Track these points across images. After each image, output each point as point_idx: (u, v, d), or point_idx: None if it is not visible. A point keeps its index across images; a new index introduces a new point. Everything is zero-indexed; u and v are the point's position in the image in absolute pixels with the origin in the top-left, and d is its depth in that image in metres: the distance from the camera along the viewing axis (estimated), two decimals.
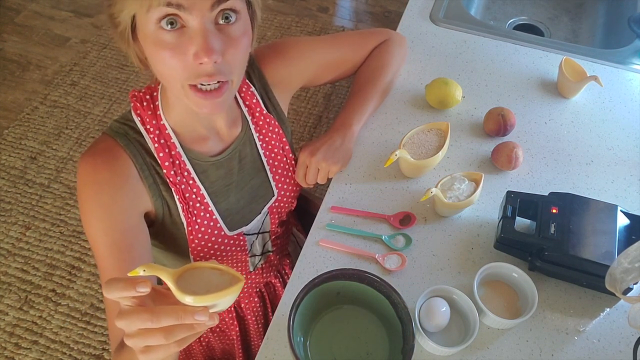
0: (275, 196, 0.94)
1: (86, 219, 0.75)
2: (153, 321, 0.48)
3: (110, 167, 0.74)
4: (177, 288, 0.50)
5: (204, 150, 0.82)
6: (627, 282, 0.68)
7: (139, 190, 0.77)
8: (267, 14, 2.59)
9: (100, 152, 0.75)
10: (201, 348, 1.11)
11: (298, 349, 0.76)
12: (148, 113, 0.78)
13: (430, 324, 0.80)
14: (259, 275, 1.03)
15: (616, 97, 1.14)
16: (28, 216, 1.92)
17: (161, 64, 0.65)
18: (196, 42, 0.62)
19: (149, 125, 0.78)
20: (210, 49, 0.61)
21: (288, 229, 1.09)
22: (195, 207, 0.82)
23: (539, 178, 1.01)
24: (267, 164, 0.91)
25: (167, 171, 0.78)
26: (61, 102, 2.25)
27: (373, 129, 1.08)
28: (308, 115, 2.21)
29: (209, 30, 0.62)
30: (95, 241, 0.75)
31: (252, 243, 0.94)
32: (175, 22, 0.62)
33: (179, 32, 0.62)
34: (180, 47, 0.63)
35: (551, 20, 1.54)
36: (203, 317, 0.49)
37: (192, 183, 0.81)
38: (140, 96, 0.79)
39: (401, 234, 0.93)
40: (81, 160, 0.75)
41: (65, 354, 1.63)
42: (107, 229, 0.73)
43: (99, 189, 0.73)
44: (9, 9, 2.63)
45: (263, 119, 0.88)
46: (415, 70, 1.19)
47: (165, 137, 0.79)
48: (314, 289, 0.79)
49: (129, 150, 0.76)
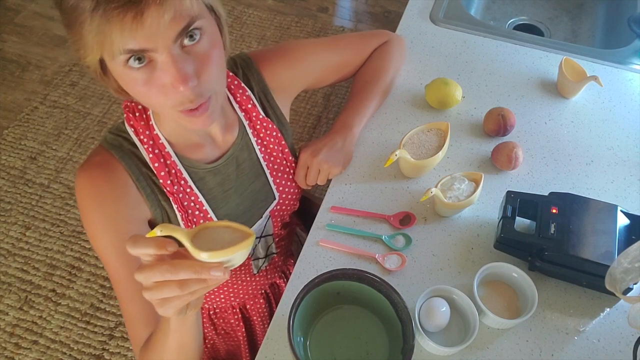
0: (277, 200, 0.94)
1: (92, 233, 0.75)
2: (172, 272, 0.52)
3: (108, 179, 0.75)
4: (193, 246, 0.53)
5: (199, 157, 0.82)
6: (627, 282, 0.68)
7: (138, 200, 0.78)
8: (267, 14, 2.59)
9: (96, 165, 0.75)
10: (206, 350, 1.11)
11: (298, 349, 0.76)
12: (141, 123, 0.78)
13: (430, 324, 0.80)
14: (263, 277, 1.03)
15: (616, 97, 1.14)
16: (28, 216, 1.92)
17: (142, 98, 0.65)
18: (168, 73, 0.60)
19: (142, 136, 0.78)
20: (184, 77, 0.60)
21: (291, 230, 1.09)
22: (194, 215, 0.82)
23: (539, 178, 1.01)
24: (267, 168, 0.91)
25: (163, 181, 0.78)
26: (61, 102, 2.25)
27: (373, 129, 1.08)
28: (307, 115, 2.21)
29: (177, 58, 0.60)
30: (105, 254, 0.76)
31: (254, 247, 0.94)
32: (142, 58, 0.60)
33: (149, 67, 0.61)
34: (154, 80, 0.62)
35: (551, 20, 1.54)
36: (218, 272, 0.53)
37: (189, 191, 0.81)
38: (132, 107, 0.79)
39: (401, 234, 0.93)
40: (78, 174, 0.75)
41: (65, 354, 1.63)
42: (115, 240, 0.74)
43: (100, 202, 0.74)
44: (9, 9, 2.63)
45: (260, 123, 0.88)
46: (415, 70, 1.19)
47: (159, 147, 0.78)
48: (314, 289, 0.79)
49: (124, 162, 0.76)
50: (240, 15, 2.57)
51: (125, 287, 0.75)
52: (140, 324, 0.75)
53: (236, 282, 0.99)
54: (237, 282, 0.99)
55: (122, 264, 0.75)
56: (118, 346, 1.63)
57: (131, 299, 0.75)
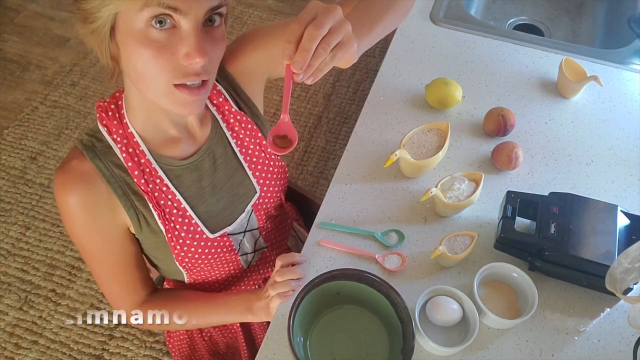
0: (258, 193, 0.92)
1: (74, 236, 0.80)
2: None
3: (80, 188, 0.76)
4: None
5: (175, 154, 0.82)
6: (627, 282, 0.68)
7: (113, 203, 0.78)
8: (267, 14, 2.59)
9: (69, 170, 0.76)
10: (204, 343, 1.11)
11: (298, 349, 0.76)
12: (114, 122, 0.78)
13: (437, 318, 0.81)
14: (255, 271, 1.03)
15: (616, 97, 1.14)
16: (28, 216, 1.92)
17: (146, 63, 0.64)
18: (188, 43, 0.62)
19: (115, 135, 0.78)
20: (202, 50, 0.63)
21: (283, 223, 1.08)
22: (172, 213, 0.82)
23: (539, 178, 1.01)
24: (245, 161, 0.89)
25: (137, 180, 0.78)
26: (61, 102, 2.25)
27: (373, 129, 1.08)
28: (308, 115, 2.21)
29: (200, 32, 0.63)
30: (85, 251, 0.82)
31: (239, 242, 0.94)
32: (164, 22, 0.62)
33: (170, 32, 0.63)
34: (169, 46, 0.63)
35: (551, 20, 1.54)
36: None
37: (165, 190, 0.81)
38: (105, 106, 0.79)
39: (393, 231, 0.93)
40: (55, 179, 0.77)
41: (65, 354, 1.63)
42: (98, 244, 0.81)
43: (75, 212, 0.77)
44: (9, 9, 2.63)
45: (234, 117, 0.87)
46: (415, 70, 1.19)
47: (133, 146, 0.78)
48: (314, 289, 0.79)
49: (95, 164, 0.76)
50: (240, 15, 2.57)
51: (106, 280, 0.87)
52: (129, 293, 0.89)
53: (227, 278, 0.98)
54: (228, 278, 0.99)
55: (104, 264, 0.84)
56: (118, 346, 1.63)
57: (119, 275, 0.86)
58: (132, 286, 0.89)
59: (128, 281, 0.88)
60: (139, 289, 0.90)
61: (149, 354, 1.62)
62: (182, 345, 1.12)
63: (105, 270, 0.86)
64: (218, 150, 0.86)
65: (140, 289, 0.90)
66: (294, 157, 2.06)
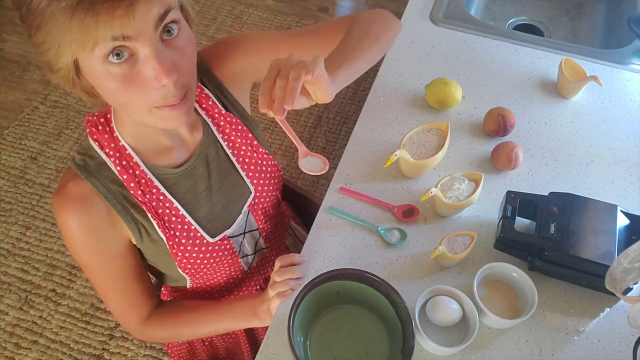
0: (253, 193, 0.92)
1: (77, 256, 0.81)
2: None
3: (79, 210, 0.76)
4: None
5: (169, 162, 0.81)
6: (627, 282, 0.68)
7: (113, 219, 0.78)
8: (267, 14, 2.59)
9: (66, 194, 0.75)
10: (204, 348, 1.11)
11: (298, 349, 0.76)
12: (105, 137, 0.77)
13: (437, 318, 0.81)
14: (256, 272, 1.03)
15: (616, 97, 1.14)
16: (28, 216, 1.92)
17: (120, 97, 0.64)
18: (152, 67, 0.60)
19: (107, 149, 0.77)
20: (168, 69, 0.60)
21: (282, 223, 1.08)
22: (171, 221, 0.82)
23: (539, 178, 1.02)
24: (237, 163, 0.89)
25: (134, 192, 0.78)
26: (61, 102, 2.25)
27: (373, 129, 1.08)
28: (308, 115, 2.21)
29: (159, 51, 0.60)
30: (89, 270, 0.83)
31: (240, 244, 0.94)
32: (121, 54, 0.59)
33: (131, 62, 0.61)
34: (136, 75, 0.61)
35: (551, 20, 1.54)
36: None
37: (163, 199, 0.81)
38: (94, 120, 0.78)
39: (396, 229, 0.94)
40: (54, 201, 0.77)
41: (65, 354, 1.63)
42: (101, 263, 0.82)
43: (77, 234, 0.77)
44: (9, 9, 2.63)
45: (224, 119, 0.86)
46: (415, 70, 1.19)
47: (126, 158, 0.78)
48: (314, 289, 0.79)
49: (90, 182, 0.76)
50: (240, 15, 2.57)
51: (113, 300, 0.88)
52: (135, 308, 0.90)
53: (228, 280, 0.98)
54: (229, 280, 0.99)
55: (107, 281, 0.85)
56: (118, 346, 1.64)
57: (124, 291, 0.87)
58: (137, 300, 0.89)
59: (133, 296, 0.88)
60: (145, 302, 0.90)
61: (149, 354, 1.62)
62: (182, 350, 1.12)
63: (110, 287, 0.86)
64: (210, 154, 0.86)
65: (145, 302, 0.90)
66: (294, 157, 2.06)
